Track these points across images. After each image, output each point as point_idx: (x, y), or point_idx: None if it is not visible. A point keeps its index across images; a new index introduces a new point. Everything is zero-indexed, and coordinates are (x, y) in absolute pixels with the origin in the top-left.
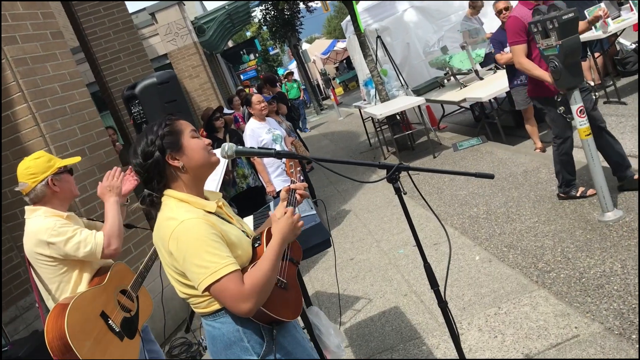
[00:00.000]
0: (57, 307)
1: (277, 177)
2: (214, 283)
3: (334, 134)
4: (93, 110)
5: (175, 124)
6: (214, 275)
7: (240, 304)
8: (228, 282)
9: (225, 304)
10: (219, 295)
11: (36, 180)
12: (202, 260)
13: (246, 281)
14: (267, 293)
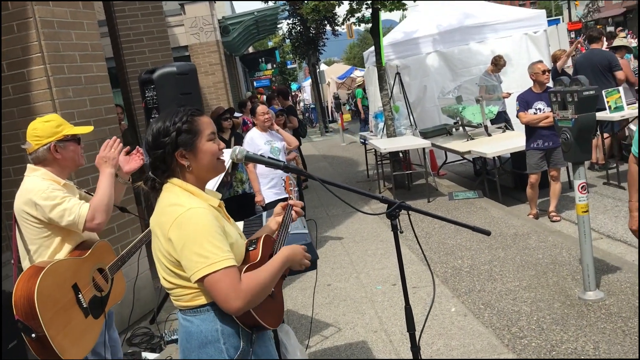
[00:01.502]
0: (32, 269)
1: (268, 189)
2: (211, 274)
3: (334, 157)
4: (107, 86)
5: (197, 122)
6: (212, 266)
7: (232, 300)
8: (225, 276)
9: (217, 297)
10: (213, 287)
11: (39, 143)
12: (203, 249)
13: (244, 281)
14: (259, 299)
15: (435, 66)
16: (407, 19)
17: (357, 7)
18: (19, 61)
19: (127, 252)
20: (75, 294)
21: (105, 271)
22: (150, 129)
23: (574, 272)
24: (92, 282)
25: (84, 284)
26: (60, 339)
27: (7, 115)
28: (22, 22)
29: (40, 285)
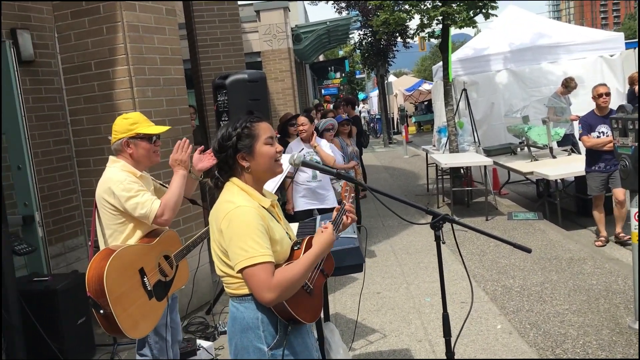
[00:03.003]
0: (105, 250)
1: (300, 197)
2: (249, 267)
3: (395, 169)
4: (183, 88)
5: (255, 127)
6: (251, 259)
7: (264, 292)
8: (260, 270)
9: (252, 289)
10: (249, 279)
11: (116, 138)
12: (245, 244)
13: (276, 275)
14: (291, 292)
15: (504, 84)
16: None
17: (427, 22)
18: (106, 61)
19: (192, 242)
20: (141, 277)
21: (170, 258)
22: (217, 135)
23: (627, 301)
24: (158, 267)
25: (150, 269)
26: (124, 317)
27: (91, 110)
28: (111, 26)
29: (110, 267)
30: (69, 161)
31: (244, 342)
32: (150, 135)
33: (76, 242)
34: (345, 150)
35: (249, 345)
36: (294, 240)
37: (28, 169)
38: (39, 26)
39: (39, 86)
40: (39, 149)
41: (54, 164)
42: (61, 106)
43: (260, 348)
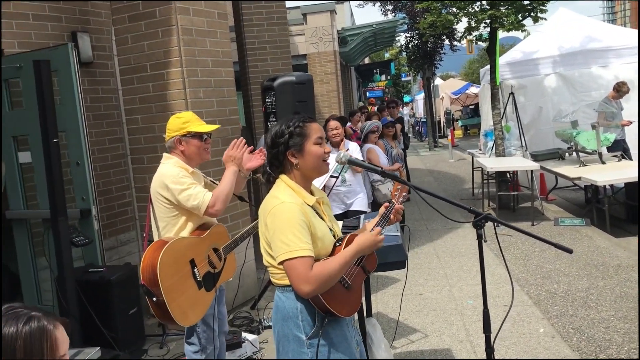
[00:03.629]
0: (159, 242)
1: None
2: (289, 260)
3: (440, 173)
4: (232, 90)
5: (306, 127)
6: (290, 252)
7: (302, 285)
8: (299, 263)
9: (291, 281)
10: (289, 271)
11: (169, 136)
12: (286, 238)
13: (314, 269)
14: (327, 285)
15: (552, 88)
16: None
17: (475, 25)
18: (161, 63)
19: (239, 236)
20: (191, 267)
21: (219, 251)
22: (270, 132)
23: None
24: (207, 259)
25: (200, 260)
26: (175, 305)
27: (145, 109)
28: (167, 29)
29: (163, 257)
30: (123, 159)
31: (285, 330)
32: (201, 134)
33: (128, 237)
34: (389, 152)
35: (289, 333)
36: (338, 236)
37: (86, 165)
38: (97, 29)
39: (96, 86)
40: (95, 146)
41: (109, 161)
42: (116, 106)
43: (299, 336)
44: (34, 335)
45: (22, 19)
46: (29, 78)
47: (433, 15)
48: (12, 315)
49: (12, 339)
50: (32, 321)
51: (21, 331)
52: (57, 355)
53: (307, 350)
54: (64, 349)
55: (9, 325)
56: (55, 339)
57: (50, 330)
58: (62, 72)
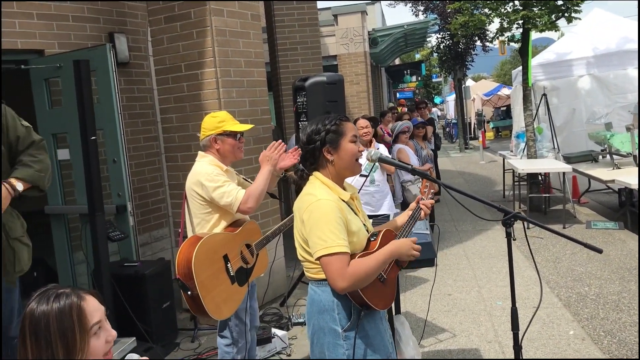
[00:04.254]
0: (194, 237)
1: None
2: (326, 255)
3: (471, 175)
4: (264, 90)
5: (342, 125)
6: (328, 249)
7: (338, 280)
8: (335, 259)
9: (327, 276)
10: (325, 266)
11: (204, 135)
12: (324, 234)
13: (351, 266)
14: (363, 283)
15: (587, 89)
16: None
17: (507, 26)
18: (195, 63)
19: (271, 233)
20: (225, 263)
21: (251, 247)
22: (306, 129)
23: None
24: (240, 254)
25: (233, 256)
26: (209, 299)
27: (180, 109)
28: (201, 30)
29: (198, 252)
30: (157, 157)
31: (321, 323)
32: (236, 133)
33: (161, 233)
34: (419, 153)
35: (324, 326)
36: (371, 231)
37: (122, 163)
38: (134, 30)
39: (132, 86)
40: (131, 144)
41: (144, 159)
42: (152, 105)
43: (335, 329)
44: (63, 310)
45: (63, 20)
46: (68, 77)
47: (465, 15)
48: (43, 295)
49: (45, 317)
50: (61, 298)
51: (52, 308)
52: (88, 325)
53: (342, 343)
54: (96, 316)
55: (41, 304)
56: (84, 310)
57: (78, 304)
58: (100, 71)
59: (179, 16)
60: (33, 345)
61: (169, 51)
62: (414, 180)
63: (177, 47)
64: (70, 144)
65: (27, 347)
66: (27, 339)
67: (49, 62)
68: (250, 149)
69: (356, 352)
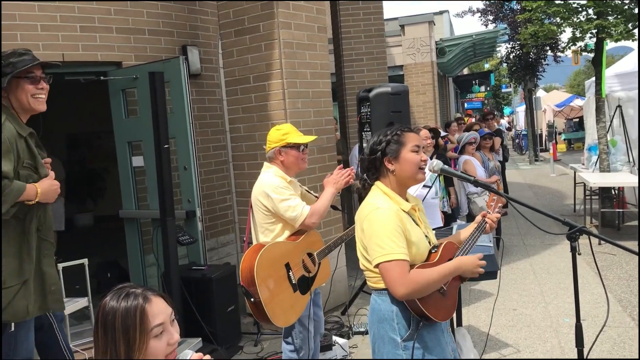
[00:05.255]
0: (257, 245)
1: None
2: (385, 262)
3: (540, 188)
4: (329, 101)
5: (403, 135)
6: (386, 256)
7: (397, 287)
8: (395, 266)
9: (387, 283)
10: (385, 273)
11: (269, 146)
12: (382, 242)
13: (412, 273)
14: (423, 293)
15: None
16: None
17: (580, 35)
18: (263, 75)
19: (333, 242)
20: (287, 271)
21: (313, 256)
22: (370, 140)
23: None
24: (302, 263)
25: (295, 264)
26: (271, 306)
27: (247, 119)
28: (269, 43)
29: (260, 260)
30: (225, 165)
31: (380, 332)
32: (299, 145)
33: (228, 239)
34: (486, 164)
35: (384, 335)
36: (433, 243)
37: (193, 170)
38: (205, 43)
39: (203, 97)
40: (201, 153)
41: (213, 167)
42: (221, 115)
43: (394, 338)
44: (128, 310)
45: (139, 34)
46: (144, 88)
47: (535, 25)
48: (117, 292)
49: (112, 312)
50: (130, 297)
51: (119, 306)
52: (149, 326)
53: (401, 352)
54: (159, 318)
55: (112, 300)
56: (147, 312)
57: (142, 305)
58: (174, 83)
59: (248, 29)
60: (101, 335)
61: (239, 63)
62: (480, 192)
63: (246, 60)
64: (145, 151)
65: (98, 334)
66: (99, 328)
67: (126, 74)
68: (314, 159)
69: None
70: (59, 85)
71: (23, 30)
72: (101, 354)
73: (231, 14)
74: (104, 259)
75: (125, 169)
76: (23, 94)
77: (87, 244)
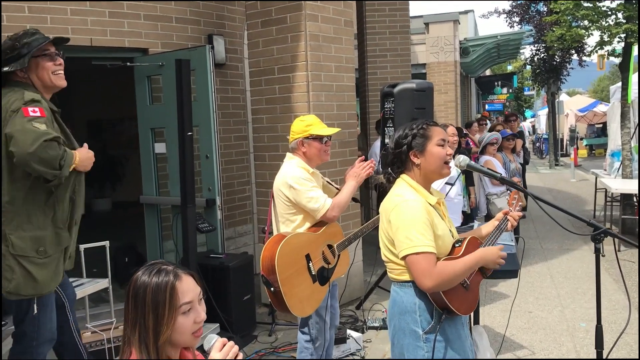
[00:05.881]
0: (278, 235)
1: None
2: (412, 254)
3: (560, 192)
4: (352, 95)
5: (429, 129)
6: (414, 248)
7: (425, 279)
8: (422, 258)
9: (413, 274)
10: (412, 265)
11: (292, 137)
12: (411, 234)
13: (439, 265)
14: (449, 284)
15: None
16: None
17: (608, 39)
18: (288, 67)
19: (353, 235)
20: (307, 262)
21: (333, 247)
22: (395, 134)
23: None
24: (322, 254)
25: (315, 255)
26: (291, 296)
27: (270, 110)
28: (295, 35)
29: (281, 250)
30: (245, 155)
31: (402, 324)
32: (322, 136)
33: (245, 229)
34: (507, 165)
35: (405, 327)
36: (456, 238)
37: (214, 159)
38: (231, 33)
39: (227, 87)
40: (222, 142)
41: (233, 157)
42: (244, 105)
43: (415, 331)
44: (160, 285)
45: (167, 22)
46: (169, 75)
47: (562, 28)
48: (149, 267)
49: (144, 287)
50: (161, 274)
51: (151, 281)
52: (178, 303)
53: (422, 345)
54: (188, 296)
55: (144, 275)
56: (177, 289)
57: (173, 282)
58: (199, 71)
59: (275, 20)
60: (132, 306)
61: (264, 54)
62: (500, 193)
63: (272, 51)
64: (167, 138)
65: (128, 306)
66: (129, 301)
67: (152, 61)
68: (335, 152)
69: (435, 355)
70: (85, 70)
71: (53, 14)
72: (130, 326)
73: (258, 5)
74: (121, 243)
75: (147, 155)
76: (44, 72)
77: (105, 228)
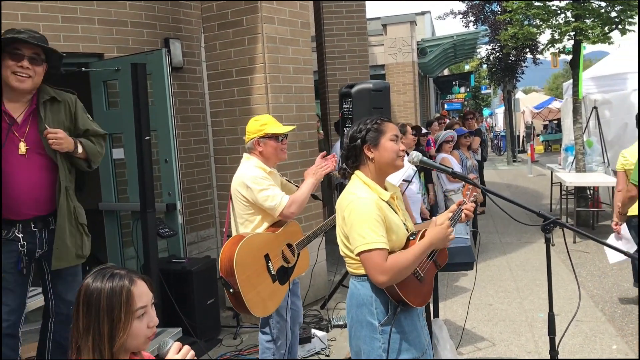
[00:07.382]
0: (236, 237)
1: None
2: (365, 251)
3: (518, 187)
4: (311, 96)
5: (383, 124)
6: (367, 245)
7: (377, 275)
8: (374, 255)
9: (367, 271)
10: (365, 262)
11: (248, 137)
12: (363, 231)
13: (389, 260)
14: (401, 276)
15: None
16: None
17: (558, 37)
18: (246, 69)
19: (312, 233)
20: (266, 262)
21: (293, 246)
22: (349, 130)
23: None
24: (281, 254)
25: (274, 255)
26: (250, 297)
27: (230, 112)
28: (252, 37)
29: (240, 251)
30: (206, 159)
31: (359, 316)
32: (278, 135)
33: (208, 233)
34: (464, 163)
35: (362, 319)
36: (411, 231)
37: (174, 163)
38: (188, 36)
39: (185, 90)
40: (182, 146)
41: (194, 161)
42: (203, 109)
43: (372, 323)
44: (114, 290)
45: (122, 26)
46: (125, 80)
47: (515, 27)
48: (100, 272)
49: (97, 292)
50: (115, 278)
51: (105, 286)
52: (134, 307)
53: (379, 336)
54: (143, 300)
55: (96, 281)
56: (132, 293)
57: (128, 287)
58: (156, 75)
59: (231, 23)
60: (84, 314)
61: (221, 57)
62: (457, 189)
63: (229, 53)
64: (125, 143)
65: (79, 314)
66: (80, 308)
67: (107, 66)
68: (295, 154)
69: (391, 346)
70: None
71: (4, 19)
72: (83, 334)
73: (214, 8)
74: None
75: (105, 161)
76: (6, 69)
77: None
